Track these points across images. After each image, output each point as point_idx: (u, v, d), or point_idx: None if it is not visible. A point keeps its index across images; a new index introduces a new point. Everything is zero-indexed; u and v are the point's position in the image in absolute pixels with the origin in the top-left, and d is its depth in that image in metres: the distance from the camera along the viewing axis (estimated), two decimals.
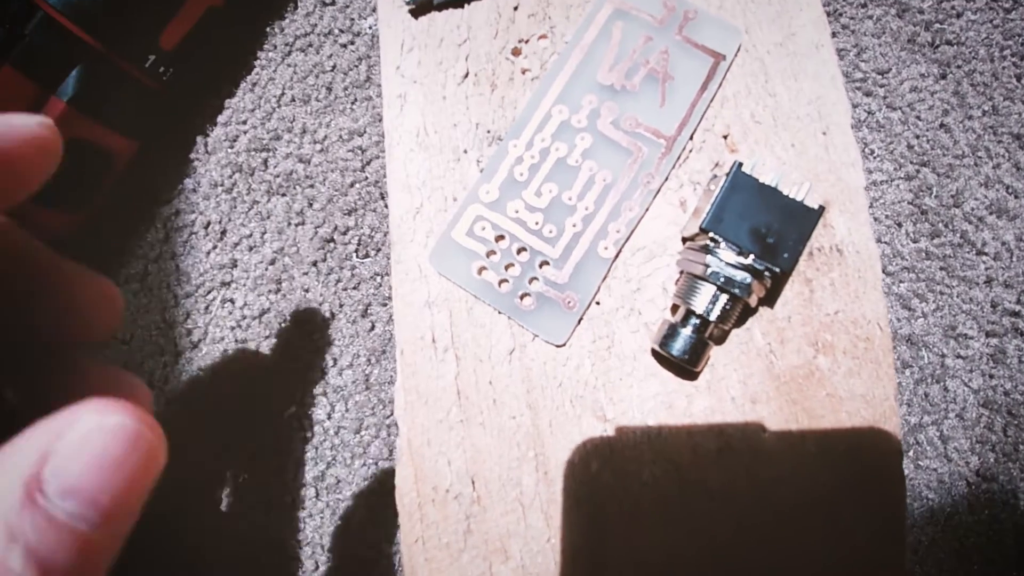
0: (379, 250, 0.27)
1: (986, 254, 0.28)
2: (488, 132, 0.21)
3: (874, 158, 0.28)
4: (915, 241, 0.27)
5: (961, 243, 0.28)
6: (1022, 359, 0.27)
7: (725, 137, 0.20)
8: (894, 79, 0.29)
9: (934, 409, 0.27)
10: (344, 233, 0.27)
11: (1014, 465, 0.27)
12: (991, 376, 0.27)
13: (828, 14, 0.29)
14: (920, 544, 0.26)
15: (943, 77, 0.29)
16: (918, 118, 0.28)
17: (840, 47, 0.28)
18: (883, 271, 0.27)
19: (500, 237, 0.20)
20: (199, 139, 0.28)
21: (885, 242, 0.27)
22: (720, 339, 0.19)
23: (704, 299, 0.17)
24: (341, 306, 0.26)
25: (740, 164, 0.17)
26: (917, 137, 0.28)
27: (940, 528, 0.27)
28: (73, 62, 0.24)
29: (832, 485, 0.19)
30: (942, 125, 0.29)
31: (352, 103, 0.28)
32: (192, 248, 0.27)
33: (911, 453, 0.27)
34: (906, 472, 0.27)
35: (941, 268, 0.27)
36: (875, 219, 0.27)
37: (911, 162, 0.28)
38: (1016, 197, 0.28)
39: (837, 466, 0.19)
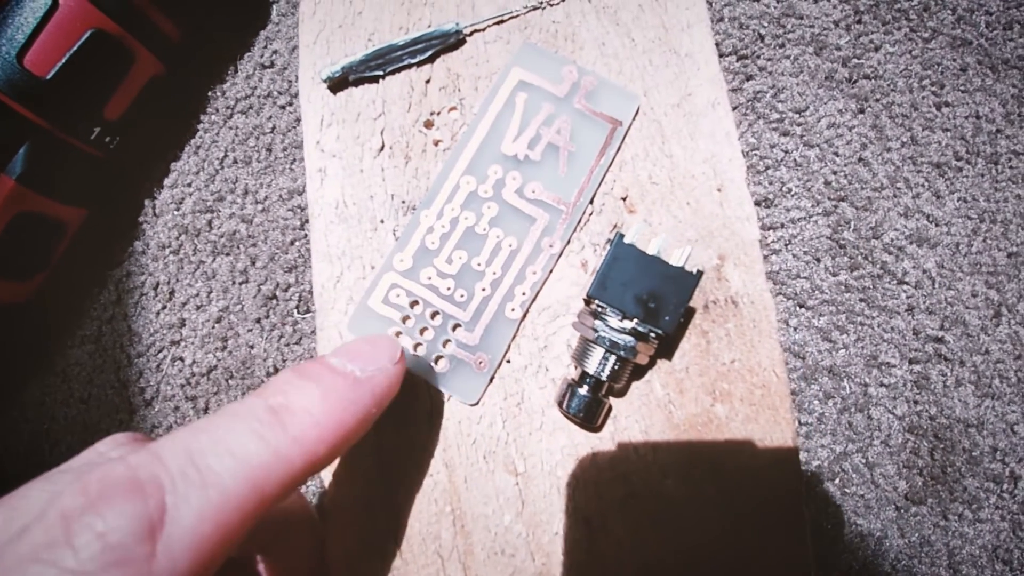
0: None
1: (907, 283, 0.29)
2: (403, 202, 0.22)
3: (791, 196, 0.29)
4: (834, 275, 0.28)
5: (881, 274, 0.29)
6: (946, 384, 0.28)
7: (624, 199, 0.21)
8: (811, 117, 0.30)
9: (858, 437, 0.28)
10: (286, 290, 0.28)
11: (943, 488, 0.28)
12: (915, 402, 0.28)
13: (746, 57, 0.30)
14: (852, 568, 0.27)
15: (861, 111, 0.30)
16: (835, 154, 0.30)
17: (757, 89, 0.30)
18: (802, 306, 0.28)
19: (414, 303, 0.21)
20: (147, 202, 0.29)
21: (804, 277, 0.28)
22: (620, 393, 0.20)
23: (595, 361, 0.19)
24: (284, 361, 0.27)
25: (621, 235, 0.19)
26: (835, 173, 0.29)
27: (871, 552, 0.27)
28: (20, 140, 0.25)
29: (735, 528, 0.20)
30: (860, 159, 0.30)
31: (291, 163, 0.29)
32: (143, 309, 0.28)
33: (837, 481, 0.28)
34: (833, 499, 0.28)
35: (861, 300, 0.28)
36: (793, 255, 0.28)
37: (829, 198, 0.29)
38: (937, 225, 0.29)
39: (738, 509, 0.20)
